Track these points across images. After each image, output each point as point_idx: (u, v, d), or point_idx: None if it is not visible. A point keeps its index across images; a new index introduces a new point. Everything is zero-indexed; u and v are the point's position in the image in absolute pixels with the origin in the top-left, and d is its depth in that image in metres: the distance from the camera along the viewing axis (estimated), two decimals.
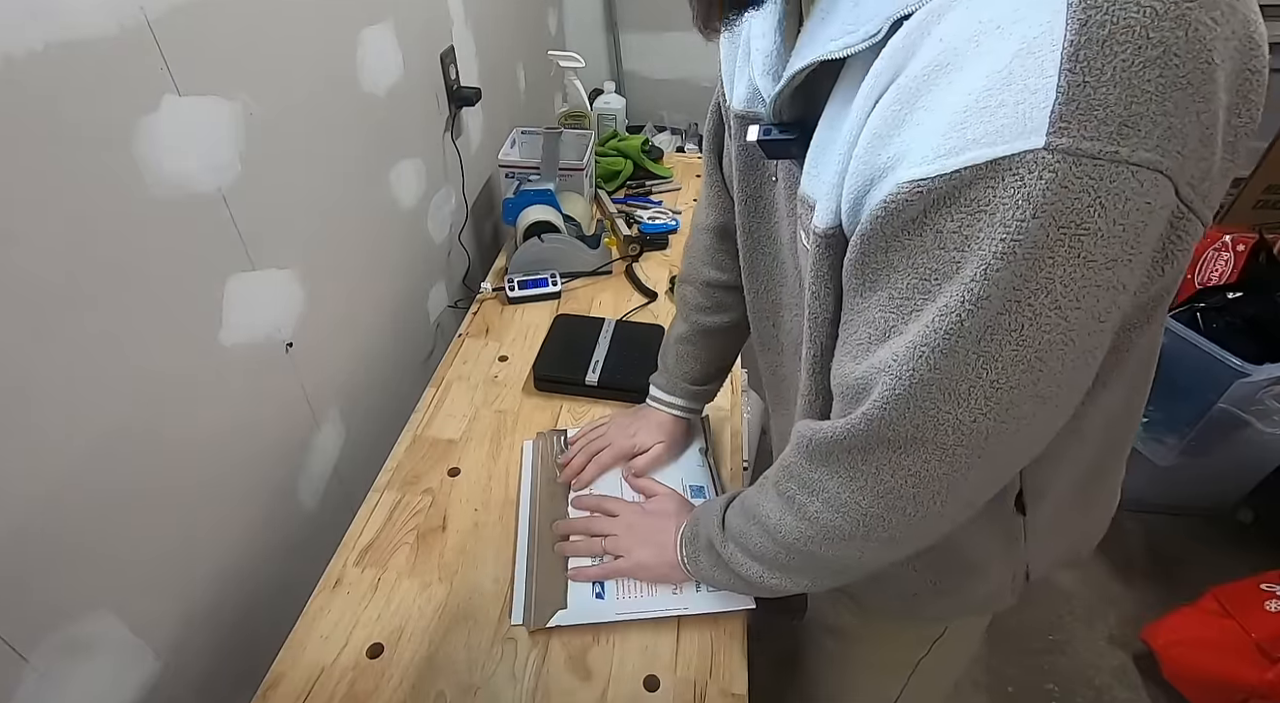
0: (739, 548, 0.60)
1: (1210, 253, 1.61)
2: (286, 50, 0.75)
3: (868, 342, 0.41)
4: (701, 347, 0.81)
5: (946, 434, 0.40)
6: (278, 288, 0.78)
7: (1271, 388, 1.32)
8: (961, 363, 0.37)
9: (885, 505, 0.46)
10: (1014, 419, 0.39)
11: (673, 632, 0.70)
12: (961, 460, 0.41)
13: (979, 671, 1.47)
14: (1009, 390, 0.37)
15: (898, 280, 0.38)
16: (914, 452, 0.42)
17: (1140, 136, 0.30)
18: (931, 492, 0.44)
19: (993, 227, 0.32)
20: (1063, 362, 0.36)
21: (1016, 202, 0.31)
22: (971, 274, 0.34)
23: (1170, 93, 0.30)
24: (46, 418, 0.52)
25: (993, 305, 0.34)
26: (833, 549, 0.51)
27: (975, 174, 0.32)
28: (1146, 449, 1.49)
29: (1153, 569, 1.66)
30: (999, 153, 0.31)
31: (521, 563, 0.75)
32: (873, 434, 0.43)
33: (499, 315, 1.16)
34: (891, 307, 0.39)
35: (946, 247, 0.35)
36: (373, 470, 0.88)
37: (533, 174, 1.31)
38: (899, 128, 0.35)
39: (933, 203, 0.34)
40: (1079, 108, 0.29)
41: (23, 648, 0.51)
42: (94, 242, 0.54)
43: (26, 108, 0.47)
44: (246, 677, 0.67)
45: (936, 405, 0.39)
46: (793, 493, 0.52)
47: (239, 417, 0.74)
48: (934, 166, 0.33)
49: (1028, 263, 0.32)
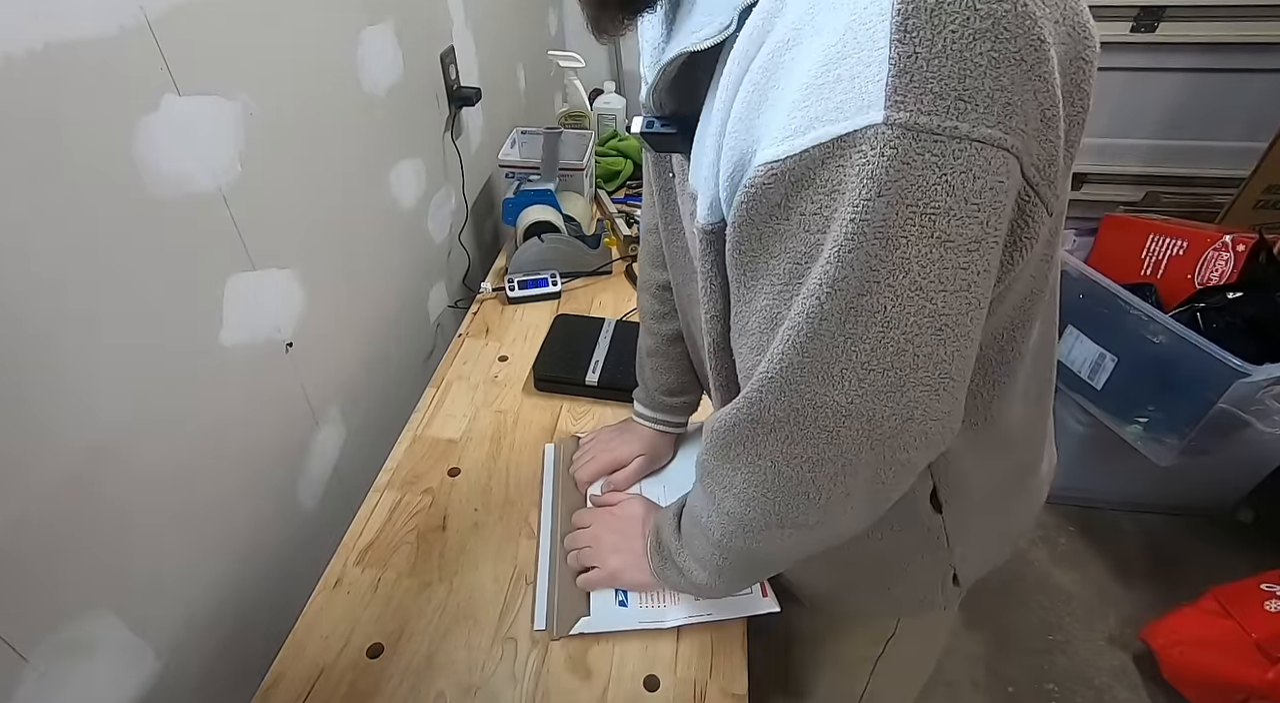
0: (690, 555, 0.60)
1: (1210, 253, 1.61)
2: (286, 50, 0.74)
3: (758, 331, 0.41)
4: (670, 356, 0.78)
5: (826, 417, 0.40)
6: (278, 288, 0.78)
7: (1271, 388, 1.32)
8: (828, 345, 0.36)
9: (787, 492, 0.46)
10: (897, 403, 0.38)
11: (673, 632, 0.70)
12: (849, 443, 0.41)
13: (979, 671, 1.47)
14: (883, 373, 0.37)
15: (776, 266, 0.38)
16: (800, 436, 0.41)
17: (979, 112, 0.30)
18: (829, 475, 0.43)
19: (844, 206, 0.32)
20: (938, 347, 0.36)
21: (862, 180, 0.31)
22: (827, 255, 0.34)
23: (1004, 68, 0.29)
24: (46, 417, 0.52)
25: (850, 287, 0.34)
26: (754, 541, 0.51)
27: (824, 152, 0.31)
28: (1146, 449, 1.49)
29: (1153, 569, 1.66)
30: (841, 130, 0.30)
31: (544, 569, 0.75)
32: (756, 419, 0.42)
33: (499, 315, 1.16)
34: (773, 293, 0.39)
35: (810, 228, 0.34)
36: (373, 470, 0.88)
37: (533, 174, 1.31)
38: (758, 111, 0.35)
39: (791, 185, 0.34)
40: (912, 80, 0.29)
41: (23, 648, 0.51)
42: (94, 241, 0.54)
43: (26, 108, 0.47)
44: (246, 677, 0.67)
45: (811, 388, 0.39)
46: (711, 489, 0.52)
47: (239, 417, 0.74)
48: (783, 147, 0.33)
49: (880, 242, 0.32)
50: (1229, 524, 1.73)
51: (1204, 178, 2.07)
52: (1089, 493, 1.76)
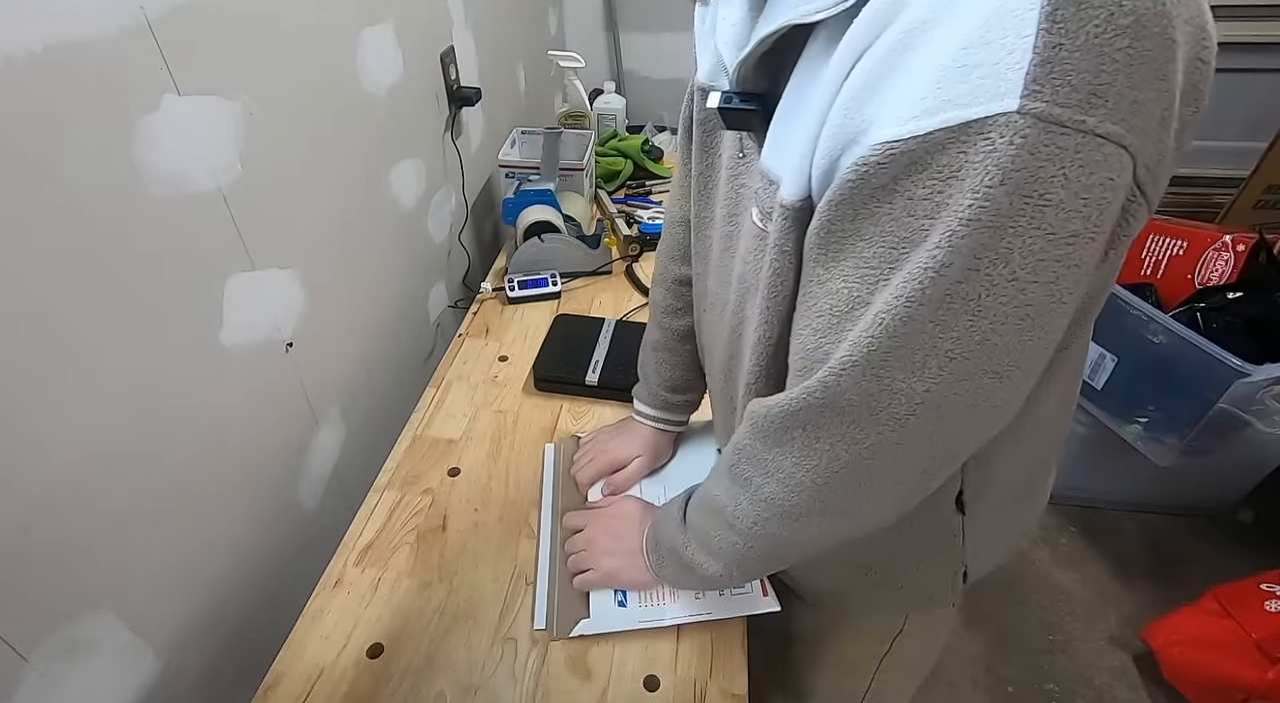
0: (700, 547, 0.59)
1: (1210, 253, 1.61)
2: (286, 50, 0.75)
3: (829, 313, 0.41)
4: (678, 352, 0.78)
5: (900, 404, 0.39)
6: (278, 288, 0.78)
7: (1271, 388, 1.32)
8: (919, 331, 0.36)
9: (840, 479, 0.45)
10: (967, 393, 0.38)
11: (673, 632, 0.70)
12: (914, 432, 0.41)
13: (979, 671, 1.47)
14: (963, 361, 0.37)
15: (864, 249, 0.38)
16: (867, 423, 0.41)
17: (1108, 108, 0.30)
18: (885, 464, 0.43)
19: (961, 193, 0.32)
20: (1018, 337, 0.36)
21: (986, 167, 0.31)
22: (937, 240, 0.33)
23: (1137, 66, 0.29)
24: (46, 417, 0.52)
25: (953, 274, 0.34)
26: (790, 529, 0.51)
27: (948, 136, 0.31)
28: (1146, 449, 1.49)
29: (1153, 569, 1.66)
30: (972, 115, 0.30)
31: (544, 570, 0.75)
32: (827, 404, 0.42)
33: (499, 315, 1.16)
34: (857, 276, 0.38)
35: (916, 214, 0.34)
36: (373, 470, 0.88)
37: (533, 174, 1.31)
38: (876, 91, 0.34)
39: (904, 168, 0.33)
40: (1053, 71, 0.29)
41: (23, 648, 0.51)
42: (94, 242, 0.54)
43: (26, 108, 0.47)
44: (246, 677, 0.67)
45: (891, 374, 0.38)
46: (748, 476, 0.51)
47: (239, 417, 0.74)
48: (907, 128, 0.32)
49: (989, 231, 0.32)
50: (1229, 524, 1.73)
51: (1204, 178, 2.07)
52: (1089, 493, 1.76)
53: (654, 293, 0.79)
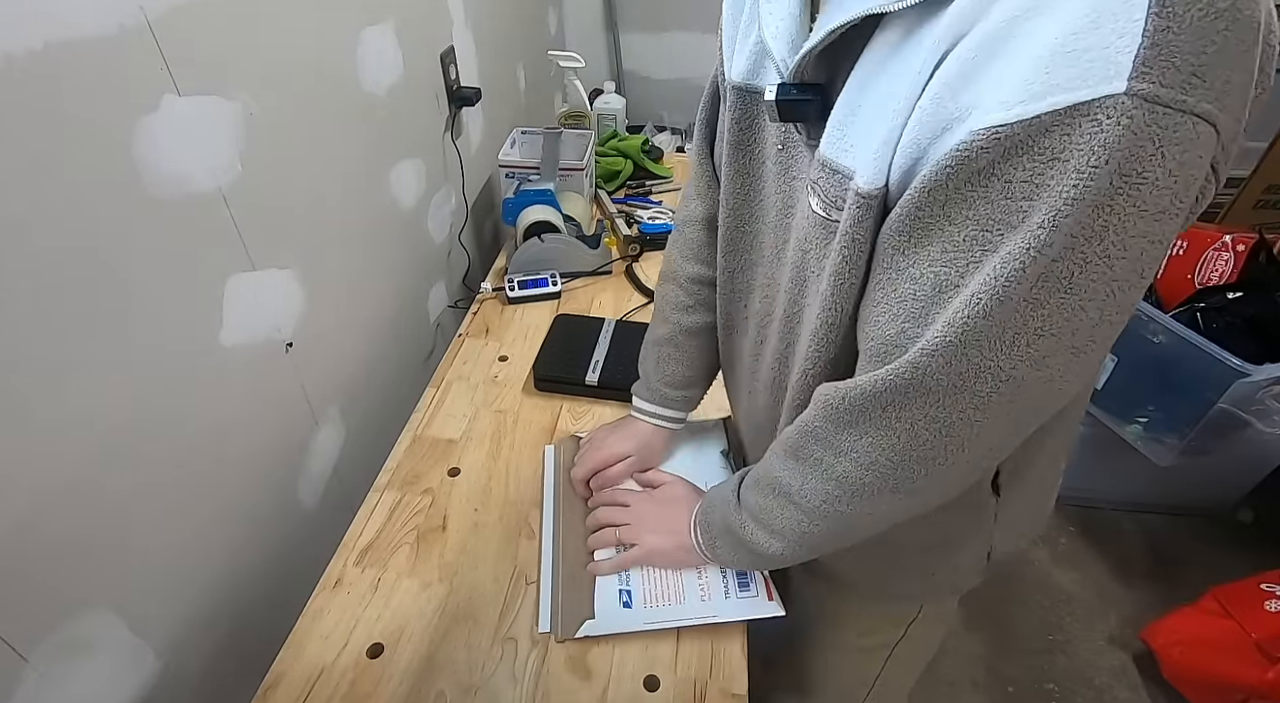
0: (760, 526, 0.60)
1: (1210, 253, 1.61)
2: (286, 50, 0.75)
3: (912, 298, 0.41)
4: (684, 348, 0.78)
5: (985, 382, 0.40)
6: (278, 288, 0.78)
7: (1271, 388, 1.32)
8: (1013, 311, 0.37)
9: (916, 458, 0.46)
10: (1048, 369, 0.39)
11: (673, 632, 0.70)
12: (994, 410, 0.42)
13: (979, 671, 1.47)
14: (1049, 338, 0.38)
15: (954, 233, 0.38)
16: (950, 402, 0.42)
17: (1205, 87, 0.31)
18: (960, 442, 0.44)
19: (1065, 174, 0.32)
20: (1101, 313, 0.37)
21: (1092, 148, 0.31)
22: (1039, 221, 0.34)
23: (1231, 48, 0.31)
24: (46, 418, 0.52)
25: (1051, 253, 0.34)
26: (859, 506, 0.52)
27: (1055, 119, 0.32)
28: (1146, 449, 1.49)
29: (1153, 569, 1.66)
30: (1080, 97, 0.31)
31: (547, 571, 0.75)
32: (913, 385, 0.42)
33: (499, 315, 1.16)
34: (944, 260, 0.39)
35: (1014, 196, 0.35)
36: (373, 470, 0.88)
37: (533, 174, 1.31)
38: (975, 77, 0.34)
39: (1005, 151, 0.34)
40: (1161, 53, 0.30)
41: (23, 648, 0.51)
42: (94, 242, 0.54)
43: (26, 107, 0.47)
44: (246, 677, 0.67)
45: (981, 353, 0.39)
46: (818, 456, 0.52)
47: (239, 417, 0.74)
48: (1014, 112, 0.33)
49: (1090, 209, 0.33)
50: (1229, 524, 1.73)
51: None
52: (1089, 493, 1.76)
53: (664, 290, 0.79)
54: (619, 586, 0.72)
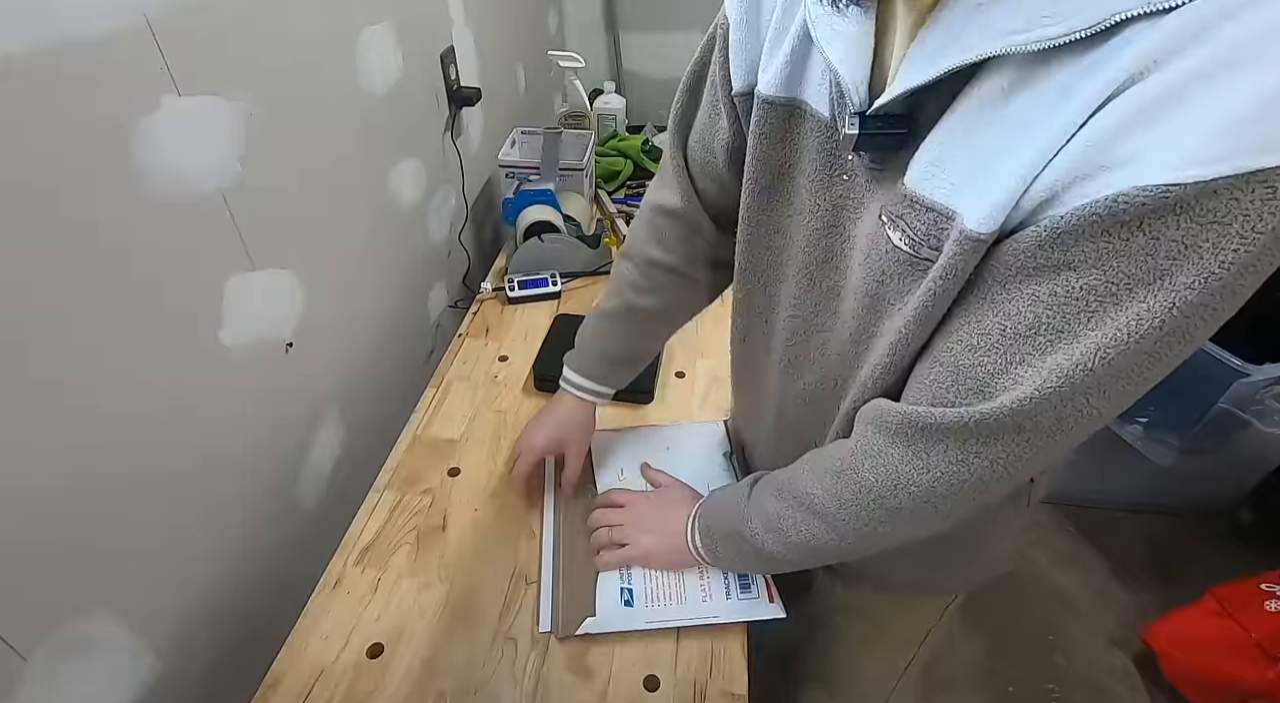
0: (771, 533, 0.59)
1: None
2: (286, 50, 0.74)
3: (1000, 334, 0.41)
4: (627, 325, 0.77)
5: (1082, 425, 0.40)
6: (278, 288, 0.78)
7: (1271, 388, 1.32)
8: (1131, 362, 0.37)
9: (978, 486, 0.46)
10: (1127, 400, 0.40)
11: (673, 632, 0.70)
12: (1072, 442, 0.42)
13: (979, 671, 1.47)
14: (1142, 384, 0.38)
15: (1071, 279, 0.37)
16: (1041, 441, 0.42)
17: None
18: (1029, 470, 0.44)
19: (1226, 238, 0.32)
20: (1184, 354, 0.37)
21: (1260, 214, 0.31)
22: (1188, 282, 0.33)
23: None
24: (46, 418, 0.52)
25: (1195, 314, 0.34)
26: (898, 527, 0.52)
27: (1229, 183, 0.31)
28: (1146, 449, 1.49)
29: (1153, 569, 1.66)
30: (1263, 164, 0.30)
31: (548, 571, 0.75)
32: (1010, 426, 0.42)
33: (499, 315, 1.16)
34: (1052, 304, 0.38)
35: (1158, 253, 0.34)
36: (373, 470, 0.88)
37: (533, 174, 1.31)
38: (1143, 128, 0.33)
39: (1164, 209, 0.33)
40: None
41: (23, 648, 0.51)
42: (94, 242, 0.54)
43: (26, 107, 0.47)
44: (246, 677, 0.67)
45: (1089, 401, 0.39)
46: (868, 480, 0.51)
47: (239, 417, 0.74)
48: (1190, 172, 0.32)
49: (1239, 272, 0.33)
50: (1229, 524, 1.73)
51: None
52: (1089, 493, 1.76)
53: (620, 266, 0.77)
54: (620, 584, 0.72)
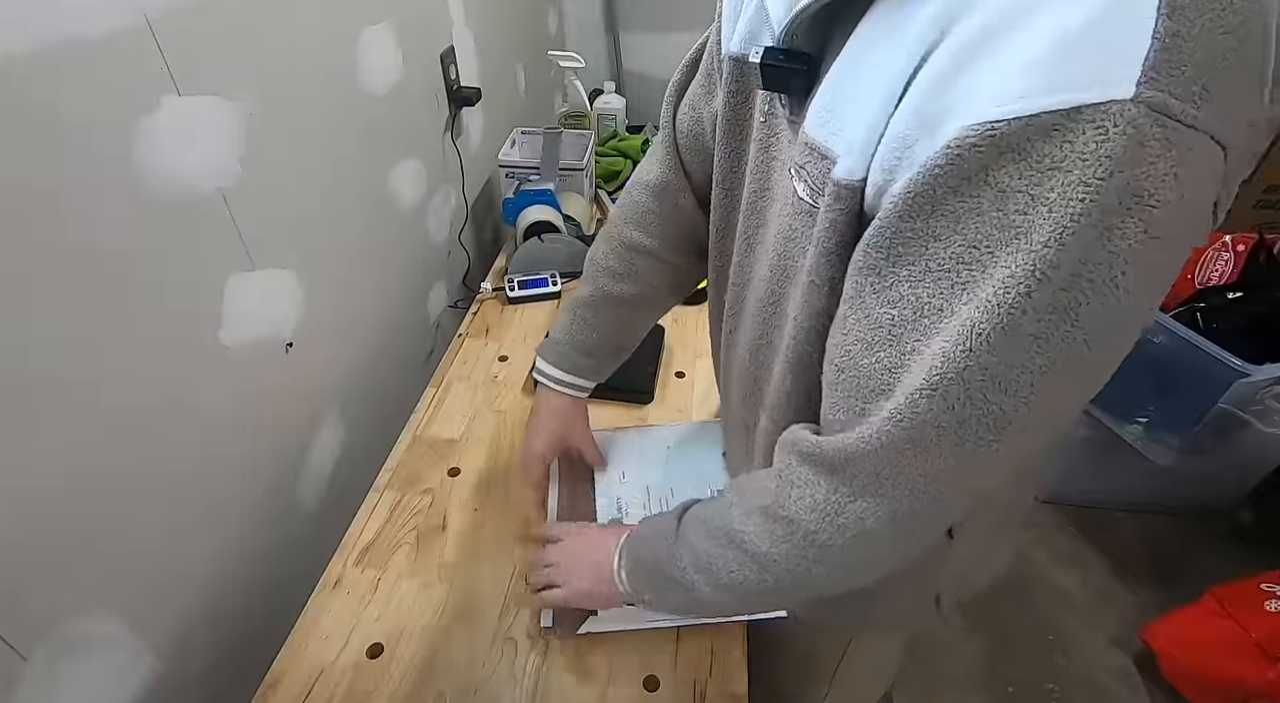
0: (700, 573, 0.53)
1: (1210, 253, 1.61)
2: (286, 50, 0.74)
3: (890, 325, 0.36)
4: (601, 315, 0.72)
5: (988, 429, 0.35)
6: (278, 288, 0.78)
7: (1271, 388, 1.32)
8: (1019, 345, 0.32)
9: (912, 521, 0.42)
10: (1049, 411, 0.35)
11: (673, 632, 0.70)
12: (996, 457, 0.37)
13: (979, 671, 1.47)
14: (1053, 377, 0.33)
15: (938, 251, 0.33)
16: (952, 452, 0.37)
17: (1215, 106, 0.28)
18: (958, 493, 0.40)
19: (1068, 186, 0.29)
20: (1105, 351, 0.34)
21: (1097, 158, 0.28)
22: (1044, 239, 0.30)
23: (1237, 70, 0.28)
24: (46, 418, 0.52)
25: (1060, 278, 0.30)
26: (826, 568, 0.46)
27: (1054, 121, 0.29)
28: (1146, 449, 1.49)
29: (1153, 569, 1.66)
30: (1083, 99, 0.28)
31: None
32: (910, 440, 0.37)
33: (499, 315, 1.16)
34: (927, 281, 0.34)
35: (1007, 209, 0.31)
36: (373, 470, 0.88)
37: (533, 174, 1.31)
38: (971, 67, 0.31)
39: (999, 155, 0.30)
40: (1171, 59, 0.27)
41: (23, 648, 0.51)
42: (94, 242, 0.54)
43: (26, 107, 0.47)
44: (246, 677, 0.67)
45: (986, 394, 0.34)
46: (798, 517, 0.45)
47: (239, 416, 0.74)
48: (1011, 108, 0.29)
49: (1097, 231, 0.29)
50: (1229, 524, 1.73)
51: None
52: (1089, 493, 1.76)
53: (598, 248, 0.73)
54: None
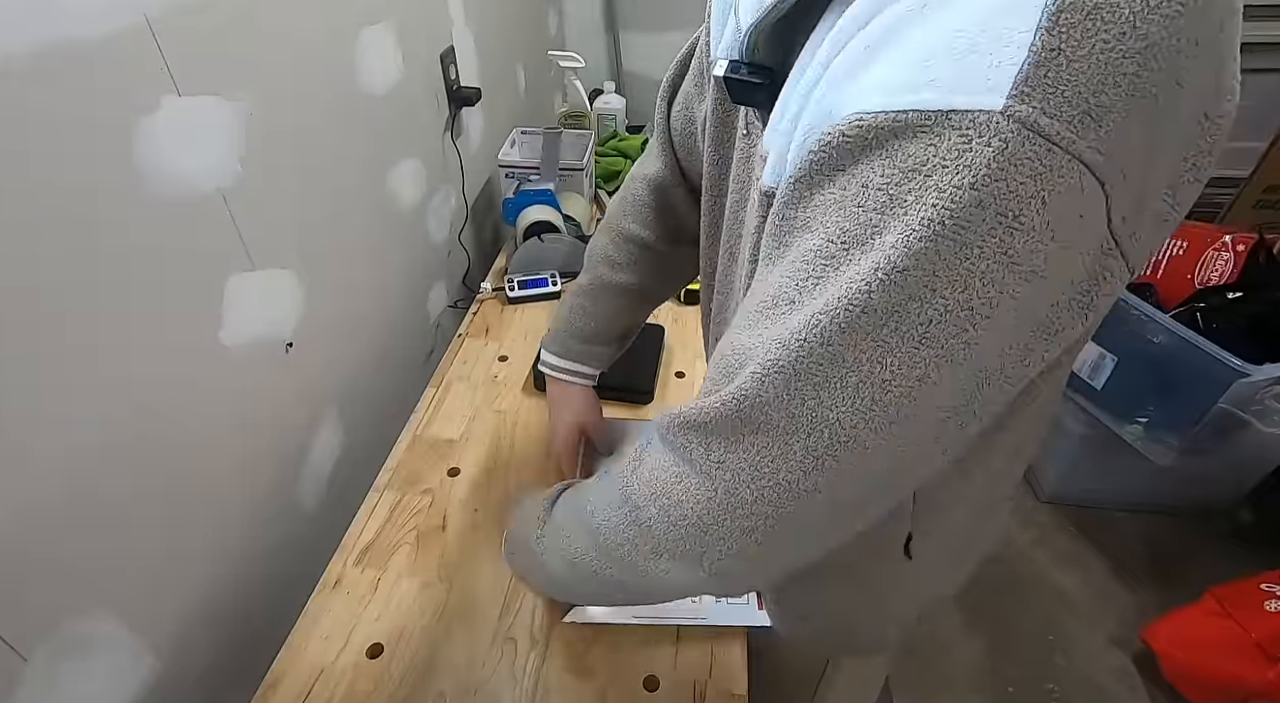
0: (552, 545, 0.53)
1: (1210, 253, 1.61)
2: (286, 50, 0.74)
3: (755, 311, 0.36)
4: (599, 303, 0.73)
5: (820, 436, 0.34)
6: (278, 288, 0.78)
7: (1271, 388, 1.32)
8: (856, 347, 0.31)
9: (733, 522, 0.39)
10: (896, 437, 0.33)
11: (673, 632, 0.70)
12: (832, 478, 0.35)
13: (979, 671, 1.47)
14: (897, 397, 0.32)
15: (807, 242, 0.33)
16: (781, 451, 0.35)
17: (1099, 135, 0.26)
18: (789, 514, 0.37)
19: (924, 190, 0.28)
20: (961, 383, 0.32)
21: (957, 167, 0.27)
22: (892, 242, 0.29)
23: (1137, 98, 0.26)
24: (46, 418, 0.52)
25: (907, 285, 0.29)
26: (654, 565, 0.44)
27: (921, 121, 0.28)
28: (1146, 449, 1.49)
29: (1153, 569, 1.66)
30: (952, 103, 0.27)
31: None
32: (743, 416, 0.36)
33: (499, 315, 1.16)
34: (790, 272, 0.34)
35: (867, 205, 0.30)
36: (373, 470, 0.88)
37: (533, 174, 1.31)
38: (865, 67, 0.31)
39: (865, 148, 0.30)
40: (1048, 75, 0.26)
41: (23, 648, 0.51)
42: (94, 242, 0.54)
43: (26, 107, 0.47)
44: (246, 677, 0.67)
45: (818, 394, 0.33)
46: (630, 489, 0.45)
47: (239, 416, 0.74)
48: (883, 100, 0.29)
49: (952, 245, 0.28)
50: (1229, 524, 1.73)
51: None
52: (1089, 493, 1.76)
53: (597, 240, 0.74)
54: None
